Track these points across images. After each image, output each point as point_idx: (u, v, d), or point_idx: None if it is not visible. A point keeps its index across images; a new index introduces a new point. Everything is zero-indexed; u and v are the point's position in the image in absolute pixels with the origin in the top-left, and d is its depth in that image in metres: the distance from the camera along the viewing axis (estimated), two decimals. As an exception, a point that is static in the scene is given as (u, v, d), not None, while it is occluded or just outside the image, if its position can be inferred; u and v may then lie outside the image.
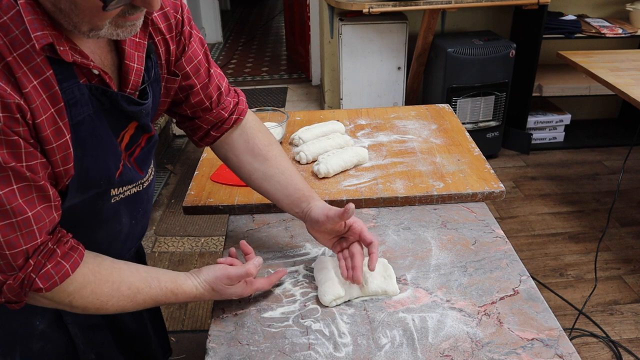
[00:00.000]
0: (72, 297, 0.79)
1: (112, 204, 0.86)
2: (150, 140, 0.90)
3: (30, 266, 0.73)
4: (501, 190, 1.27)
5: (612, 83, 2.18)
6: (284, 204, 1.05)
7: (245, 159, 1.05)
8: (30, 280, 0.73)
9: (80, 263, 0.78)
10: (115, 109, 0.79)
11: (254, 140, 1.05)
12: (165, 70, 0.91)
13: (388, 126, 1.61)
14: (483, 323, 0.91)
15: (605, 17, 3.35)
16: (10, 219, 0.69)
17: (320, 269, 1.01)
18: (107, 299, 0.81)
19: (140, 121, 0.85)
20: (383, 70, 3.23)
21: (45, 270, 0.74)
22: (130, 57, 0.81)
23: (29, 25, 0.64)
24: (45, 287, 0.74)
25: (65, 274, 0.76)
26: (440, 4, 2.75)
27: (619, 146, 3.44)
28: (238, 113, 1.04)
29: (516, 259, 1.07)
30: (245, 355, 0.87)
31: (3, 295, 0.74)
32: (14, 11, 0.64)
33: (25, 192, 0.69)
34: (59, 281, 0.75)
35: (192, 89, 0.97)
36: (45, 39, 0.66)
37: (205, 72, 0.98)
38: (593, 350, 1.98)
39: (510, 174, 3.17)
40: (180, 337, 2.07)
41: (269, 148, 1.05)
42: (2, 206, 0.67)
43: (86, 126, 0.75)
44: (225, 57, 5.42)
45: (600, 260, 2.41)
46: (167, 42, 0.89)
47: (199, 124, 1.03)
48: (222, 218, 2.69)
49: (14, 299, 0.75)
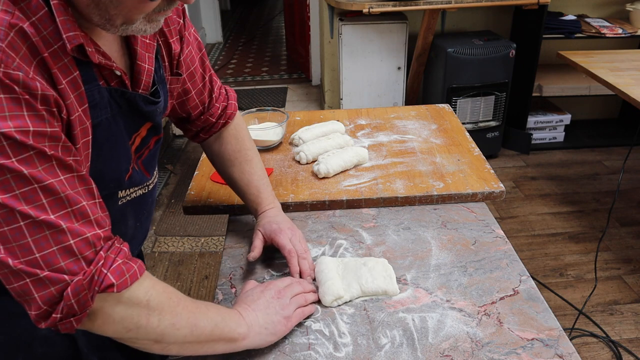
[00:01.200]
0: (149, 294, 0.72)
1: (119, 206, 0.87)
2: (157, 142, 0.92)
3: (101, 259, 0.67)
4: (501, 190, 1.27)
5: (612, 83, 2.18)
6: (246, 205, 1.15)
7: (217, 161, 1.15)
8: (101, 276, 0.67)
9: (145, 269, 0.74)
10: (132, 110, 0.81)
11: (225, 145, 1.12)
12: (168, 72, 0.93)
13: (388, 126, 1.61)
14: (483, 323, 0.91)
15: (605, 17, 3.35)
16: (66, 208, 0.64)
17: (320, 269, 1.01)
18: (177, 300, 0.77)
19: (155, 121, 0.87)
20: (383, 70, 3.23)
21: (116, 265, 0.68)
22: (141, 58, 0.82)
23: (62, 26, 0.65)
24: (117, 284, 0.68)
25: (134, 275, 0.70)
26: (440, 4, 2.75)
27: (619, 146, 3.44)
28: (225, 118, 1.10)
29: (516, 259, 1.07)
30: (245, 355, 0.87)
31: (64, 304, 0.65)
32: (43, 12, 0.64)
33: (72, 183, 0.66)
34: (129, 280, 0.69)
35: (187, 95, 1.02)
36: (77, 39, 0.67)
37: (200, 78, 1.03)
38: (593, 350, 1.98)
39: (510, 174, 3.17)
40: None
41: (237, 155, 1.12)
42: (55, 194, 0.64)
43: (103, 129, 0.76)
44: (225, 57, 5.42)
45: (600, 260, 2.41)
46: (169, 44, 0.91)
47: (189, 127, 1.10)
48: (222, 218, 2.69)
49: (77, 307, 0.66)
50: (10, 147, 0.60)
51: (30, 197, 0.62)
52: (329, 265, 1.01)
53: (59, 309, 0.65)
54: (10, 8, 0.62)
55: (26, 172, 0.61)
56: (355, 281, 0.98)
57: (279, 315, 0.88)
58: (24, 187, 0.61)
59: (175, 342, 0.77)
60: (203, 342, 0.79)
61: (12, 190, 0.61)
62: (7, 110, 0.59)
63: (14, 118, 0.60)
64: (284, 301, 0.90)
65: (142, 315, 0.72)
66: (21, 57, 0.61)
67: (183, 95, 1.01)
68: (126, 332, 0.73)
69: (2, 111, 0.59)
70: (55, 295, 0.65)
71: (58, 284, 0.64)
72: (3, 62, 0.59)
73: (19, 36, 0.62)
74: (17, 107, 0.60)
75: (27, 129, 0.61)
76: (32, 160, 0.62)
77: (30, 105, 0.61)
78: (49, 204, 0.63)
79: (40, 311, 0.65)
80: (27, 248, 0.63)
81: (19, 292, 0.65)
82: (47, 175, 0.63)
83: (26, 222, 0.62)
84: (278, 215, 1.10)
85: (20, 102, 0.60)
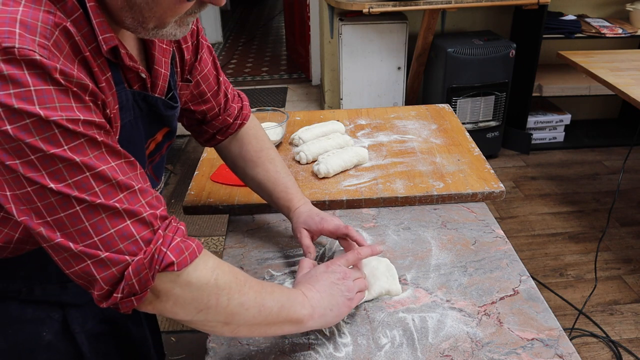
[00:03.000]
0: (216, 273, 0.72)
1: None
2: (168, 148, 0.94)
3: (160, 238, 0.67)
4: (501, 190, 1.27)
5: (612, 83, 2.18)
6: (274, 205, 1.11)
7: (239, 163, 1.11)
8: (161, 255, 0.67)
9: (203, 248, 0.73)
10: (152, 114, 0.82)
11: (246, 146, 1.10)
12: (179, 78, 0.95)
13: (388, 126, 1.61)
14: (483, 323, 0.91)
15: (605, 17, 3.35)
16: (119, 194, 0.65)
17: None
18: (244, 279, 0.76)
19: (172, 126, 0.88)
20: (383, 70, 3.23)
21: (175, 243, 0.68)
22: (159, 63, 0.83)
23: (98, 27, 0.66)
24: (178, 262, 0.68)
25: (193, 253, 0.70)
26: (440, 4, 2.75)
27: (619, 146, 3.44)
28: (242, 118, 1.09)
29: (516, 259, 1.07)
30: (245, 355, 0.87)
31: (125, 283, 0.65)
32: (78, 13, 0.65)
33: (123, 169, 0.67)
34: (189, 258, 0.69)
35: (203, 97, 1.02)
36: (113, 41, 0.68)
37: (215, 80, 1.03)
38: (593, 350, 1.98)
39: (510, 174, 3.17)
40: (180, 337, 2.07)
41: (260, 154, 1.10)
42: (108, 181, 0.64)
43: (126, 131, 0.77)
44: (225, 57, 5.42)
45: (600, 260, 2.41)
46: (182, 50, 0.93)
47: (205, 129, 1.08)
48: (222, 218, 2.69)
49: (137, 287, 0.66)
50: (62, 134, 0.61)
51: (84, 186, 0.63)
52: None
53: (120, 288, 0.66)
54: (52, 8, 0.63)
55: (78, 160, 0.62)
56: None
57: (344, 297, 0.87)
58: (76, 175, 0.62)
59: (244, 323, 0.76)
60: (270, 323, 0.79)
61: (65, 179, 0.62)
62: (57, 101, 0.60)
63: (64, 109, 0.61)
64: (349, 283, 0.89)
65: (211, 295, 0.72)
66: (65, 56, 0.62)
67: (199, 98, 1.02)
68: (197, 313, 0.72)
69: (51, 102, 0.60)
70: (116, 275, 0.66)
71: (119, 264, 0.65)
72: (51, 60, 0.60)
73: (63, 35, 0.63)
74: (66, 98, 0.61)
75: (77, 117, 0.62)
76: (84, 147, 0.63)
77: (78, 97, 0.63)
78: (102, 191, 0.64)
79: (102, 291, 0.66)
80: (85, 232, 0.64)
81: (80, 274, 0.66)
82: (99, 162, 0.64)
83: (82, 206, 0.63)
84: (313, 208, 1.08)
85: (68, 93, 0.61)
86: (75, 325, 0.90)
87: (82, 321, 0.89)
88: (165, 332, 2.07)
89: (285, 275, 1.05)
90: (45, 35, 0.60)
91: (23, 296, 0.84)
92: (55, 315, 0.87)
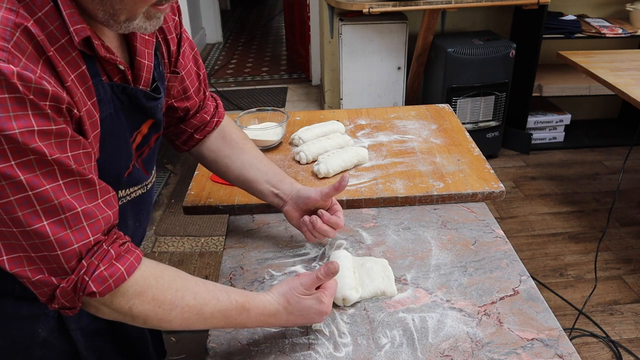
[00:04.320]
0: (132, 303, 0.73)
1: (119, 207, 0.86)
2: (157, 140, 0.92)
3: (83, 268, 0.68)
4: (501, 190, 1.27)
5: (612, 83, 2.18)
6: (264, 188, 1.08)
7: (223, 152, 1.10)
8: (84, 284, 0.69)
9: (138, 267, 0.73)
10: (133, 106, 0.81)
11: (230, 135, 1.11)
12: (167, 69, 0.94)
13: (388, 126, 1.61)
14: (483, 323, 0.91)
15: (605, 17, 3.35)
16: (59, 215, 0.65)
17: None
18: (170, 308, 0.75)
19: (156, 117, 0.87)
20: (383, 70, 3.23)
21: (98, 272, 0.69)
22: (141, 54, 0.82)
23: (69, 19, 0.65)
24: (99, 291, 0.69)
25: (121, 278, 0.71)
26: (440, 4, 2.75)
27: (619, 146, 3.44)
28: (219, 116, 1.10)
29: (516, 259, 1.07)
30: (245, 355, 0.87)
31: (56, 301, 0.70)
32: (48, 7, 0.65)
33: (72, 187, 0.66)
34: (113, 285, 0.70)
35: (187, 92, 1.02)
36: (84, 32, 0.67)
37: (196, 76, 1.03)
38: (593, 350, 1.98)
39: (510, 174, 3.17)
40: (180, 337, 2.07)
41: (245, 141, 1.12)
42: (49, 202, 0.64)
43: (107, 124, 0.76)
44: (225, 57, 5.42)
45: (600, 260, 2.41)
46: (167, 42, 0.92)
47: (184, 128, 1.07)
48: (222, 218, 2.69)
49: (68, 304, 0.71)
50: (11, 150, 0.60)
51: (24, 204, 0.63)
52: (347, 265, 1.01)
53: (54, 304, 0.71)
54: (14, 6, 0.61)
55: (22, 178, 0.61)
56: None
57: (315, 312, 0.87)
58: (18, 193, 0.62)
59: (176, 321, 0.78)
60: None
61: (7, 196, 0.62)
62: (11, 110, 0.59)
63: (19, 118, 0.60)
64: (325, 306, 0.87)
65: (127, 320, 0.76)
66: (27, 57, 0.61)
67: (182, 94, 1.01)
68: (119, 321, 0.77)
69: (6, 112, 0.59)
70: (49, 293, 0.70)
71: (50, 286, 0.69)
72: (10, 63, 0.58)
73: (25, 36, 0.61)
74: (22, 107, 0.60)
75: (32, 128, 0.61)
76: (31, 164, 0.62)
77: (34, 105, 0.61)
78: (42, 211, 0.64)
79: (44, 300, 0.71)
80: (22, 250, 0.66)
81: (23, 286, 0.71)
82: (45, 180, 0.64)
83: (19, 229, 0.64)
84: (297, 199, 1.07)
85: (24, 102, 0.60)
86: (70, 322, 0.90)
87: (77, 318, 0.89)
88: (165, 331, 2.07)
89: (285, 275, 1.05)
90: (4, 37, 0.59)
91: (17, 293, 0.84)
92: (51, 312, 0.87)
